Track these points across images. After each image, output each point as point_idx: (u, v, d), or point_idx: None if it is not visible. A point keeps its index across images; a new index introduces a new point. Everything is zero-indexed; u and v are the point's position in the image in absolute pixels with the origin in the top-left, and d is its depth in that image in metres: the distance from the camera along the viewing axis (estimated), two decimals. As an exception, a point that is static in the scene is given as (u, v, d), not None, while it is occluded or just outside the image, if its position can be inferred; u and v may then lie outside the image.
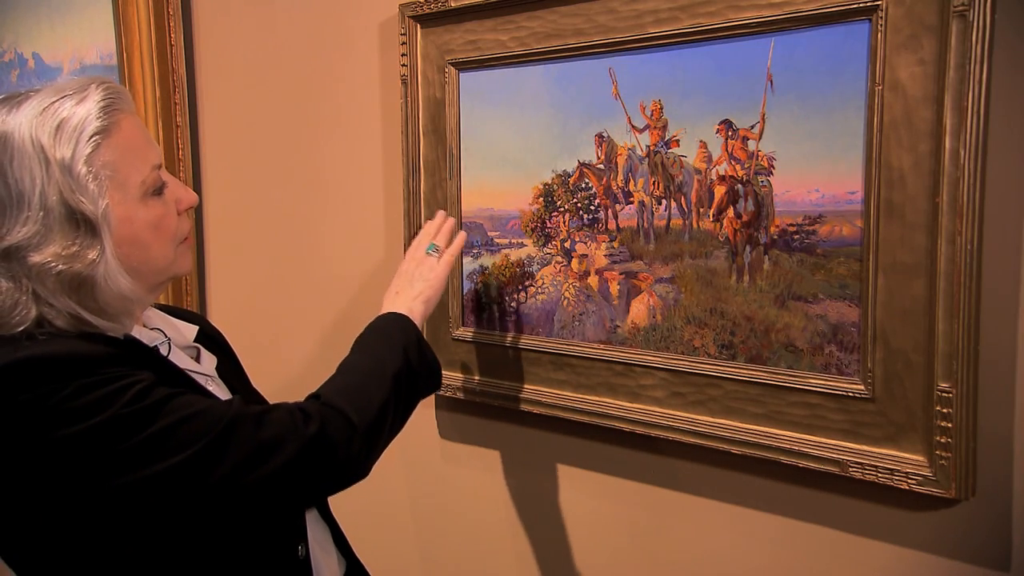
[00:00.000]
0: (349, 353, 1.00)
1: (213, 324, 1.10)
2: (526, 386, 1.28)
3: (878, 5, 0.91)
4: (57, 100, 0.79)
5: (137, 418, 0.75)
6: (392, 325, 1.03)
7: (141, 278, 0.85)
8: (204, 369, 0.98)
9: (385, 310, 1.07)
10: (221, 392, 0.97)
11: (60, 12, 1.90)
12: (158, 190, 0.86)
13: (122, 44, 1.70)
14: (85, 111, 0.80)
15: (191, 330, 1.01)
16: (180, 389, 0.80)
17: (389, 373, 0.95)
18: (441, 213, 1.23)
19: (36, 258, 0.76)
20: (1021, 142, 0.89)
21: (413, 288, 1.10)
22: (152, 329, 0.93)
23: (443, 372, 1.12)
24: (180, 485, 0.76)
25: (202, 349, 1.01)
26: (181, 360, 0.93)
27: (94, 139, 0.79)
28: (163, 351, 0.90)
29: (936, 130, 0.89)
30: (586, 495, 1.27)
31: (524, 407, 1.27)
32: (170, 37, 1.66)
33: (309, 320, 1.59)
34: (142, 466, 0.74)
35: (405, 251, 1.37)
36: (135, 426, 0.74)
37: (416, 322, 1.05)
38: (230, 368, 1.06)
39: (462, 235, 1.21)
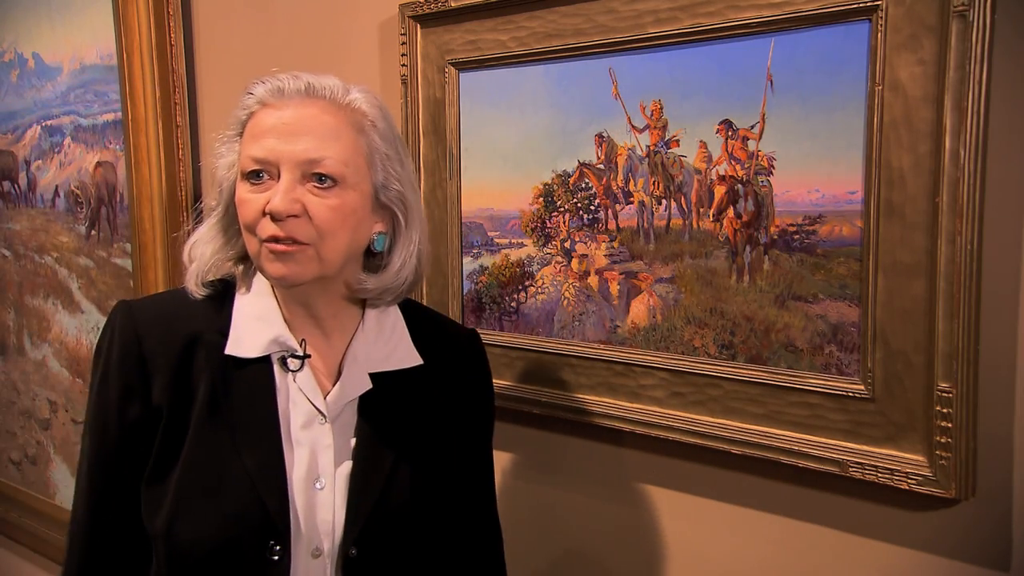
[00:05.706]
0: None
1: (486, 378, 1.06)
2: (526, 386, 1.28)
3: (878, 5, 0.91)
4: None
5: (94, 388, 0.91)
6: None
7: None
8: (319, 405, 0.90)
9: None
10: (321, 448, 0.90)
11: (60, 12, 1.90)
12: (250, 174, 0.86)
13: (122, 44, 1.70)
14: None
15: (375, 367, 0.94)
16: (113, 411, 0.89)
17: None
18: None
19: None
20: (1021, 142, 0.89)
21: None
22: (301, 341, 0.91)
23: None
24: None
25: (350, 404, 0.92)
26: (297, 383, 0.90)
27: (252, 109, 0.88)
28: (292, 366, 0.90)
29: (936, 130, 0.89)
30: (585, 495, 1.27)
31: (524, 407, 1.27)
32: (170, 37, 1.66)
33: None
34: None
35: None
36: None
37: None
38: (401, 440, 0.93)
39: None
